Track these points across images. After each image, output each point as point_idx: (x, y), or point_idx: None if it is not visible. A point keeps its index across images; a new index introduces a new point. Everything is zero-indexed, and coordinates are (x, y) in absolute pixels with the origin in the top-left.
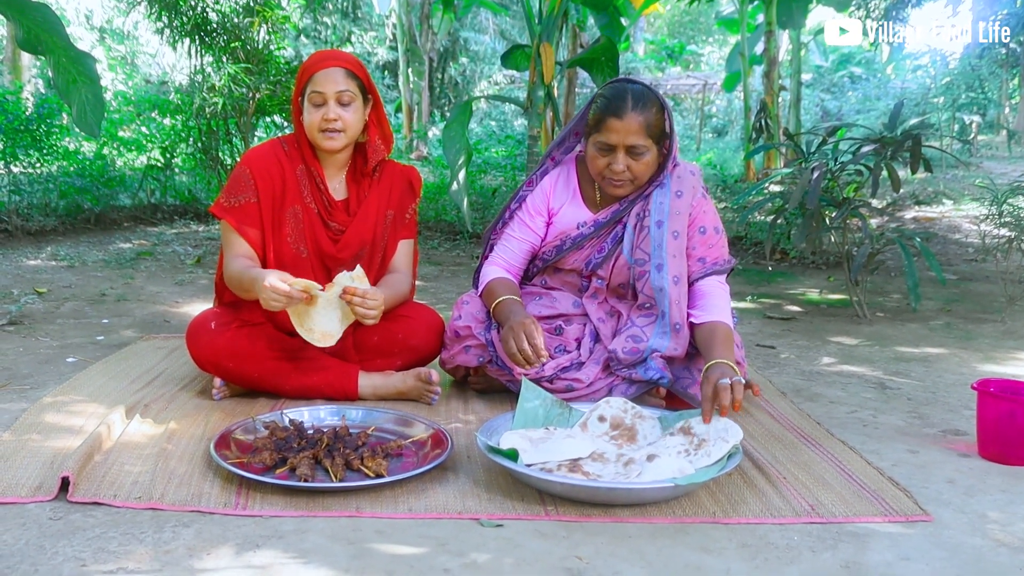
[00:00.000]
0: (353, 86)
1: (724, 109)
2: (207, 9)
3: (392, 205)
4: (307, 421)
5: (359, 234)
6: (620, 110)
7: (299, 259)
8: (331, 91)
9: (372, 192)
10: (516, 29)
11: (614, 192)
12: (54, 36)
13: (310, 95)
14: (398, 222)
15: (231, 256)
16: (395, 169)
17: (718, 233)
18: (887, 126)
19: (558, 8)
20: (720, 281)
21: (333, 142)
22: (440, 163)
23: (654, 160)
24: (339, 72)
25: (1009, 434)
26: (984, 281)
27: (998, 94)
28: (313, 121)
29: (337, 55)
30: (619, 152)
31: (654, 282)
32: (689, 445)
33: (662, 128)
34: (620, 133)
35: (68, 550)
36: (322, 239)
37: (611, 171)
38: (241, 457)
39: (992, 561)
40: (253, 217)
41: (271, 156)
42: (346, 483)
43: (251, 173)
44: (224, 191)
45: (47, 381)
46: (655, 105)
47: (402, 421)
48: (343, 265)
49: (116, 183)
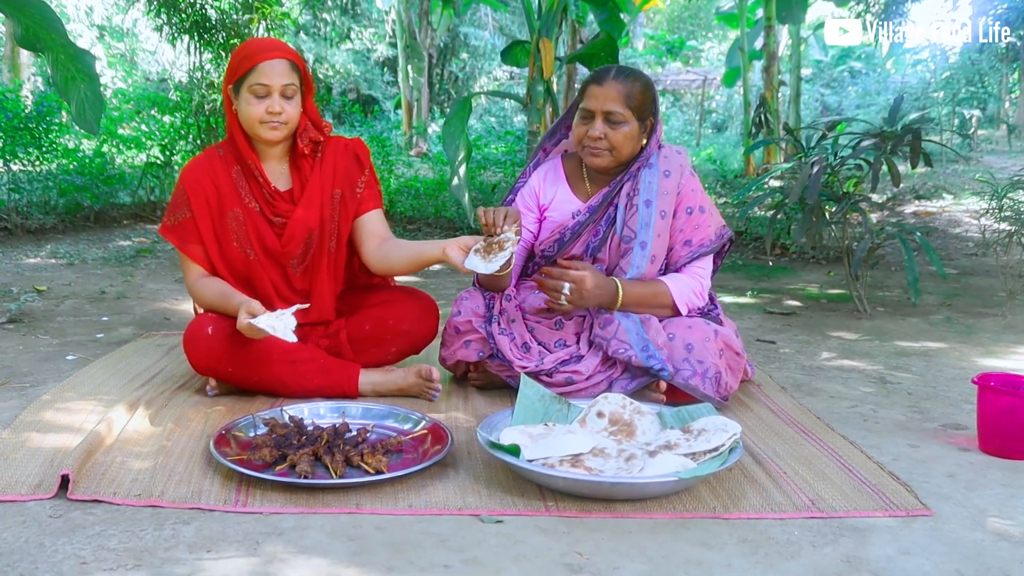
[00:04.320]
0: (296, 79)
1: (724, 104)
2: (206, 6)
3: (338, 183)
4: (307, 418)
5: (304, 222)
6: (602, 78)
7: (249, 262)
8: (277, 84)
9: (314, 175)
10: (516, 25)
11: (593, 162)
12: (52, 33)
13: (252, 86)
14: (348, 199)
15: (191, 279)
16: (338, 145)
17: (703, 212)
18: (887, 121)
19: (557, 4)
20: (701, 265)
21: (276, 132)
22: (440, 159)
23: (634, 134)
24: (284, 64)
25: (1010, 428)
26: (984, 275)
27: (998, 88)
28: (254, 112)
29: (280, 46)
30: (597, 118)
31: (634, 259)
32: (689, 436)
33: (645, 105)
34: (599, 99)
35: (68, 548)
36: (267, 237)
37: (589, 138)
38: (241, 454)
39: (993, 555)
40: (191, 233)
41: (204, 166)
42: (345, 479)
43: (184, 188)
44: (167, 210)
45: (47, 379)
46: (639, 82)
47: (401, 418)
48: (294, 259)
49: (115, 181)
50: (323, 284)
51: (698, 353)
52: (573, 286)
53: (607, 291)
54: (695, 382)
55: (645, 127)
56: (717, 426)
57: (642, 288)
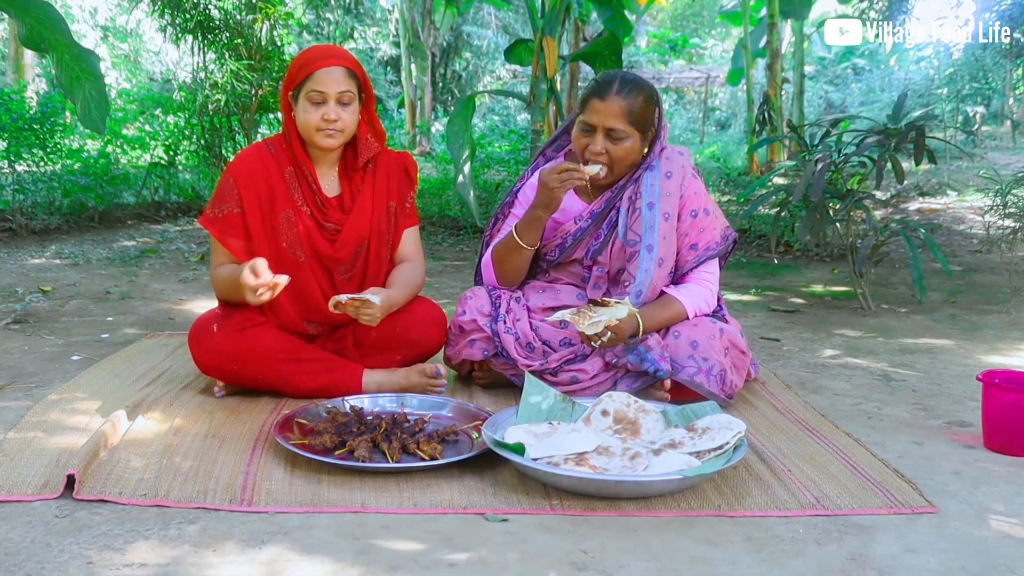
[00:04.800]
0: (353, 86)
1: (727, 102)
2: (209, 6)
3: (392, 196)
4: (366, 408)
5: (356, 230)
6: (604, 92)
7: (298, 264)
8: (333, 91)
9: (366, 186)
10: (519, 23)
11: (593, 181)
12: (57, 34)
13: (309, 93)
14: (399, 212)
15: (215, 266)
16: (390, 158)
17: (708, 215)
18: (891, 117)
19: (560, 2)
20: (709, 269)
21: (332, 140)
22: (443, 158)
23: (635, 147)
24: (341, 71)
25: (1014, 425)
26: (989, 272)
27: (1002, 84)
28: (311, 119)
29: (339, 53)
30: (599, 133)
31: (642, 263)
32: (694, 434)
33: (647, 117)
34: (601, 114)
35: (74, 547)
36: (318, 241)
37: (590, 152)
38: (302, 439)
39: (998, 552)
40: (237, 228)
41: (256, 162)
42: (402, 464)
43: (235, 182)
44: (211, 200)
45: (52, 379)
46: (642, 94)
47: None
48: (343, 266)
49: (120, 181)
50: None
51: (703, 350)
52: (613, 335)
53: (632, 327)
54: (700, 379)
55: (647, 138)
56: (722, 424)
57: (660, 313)
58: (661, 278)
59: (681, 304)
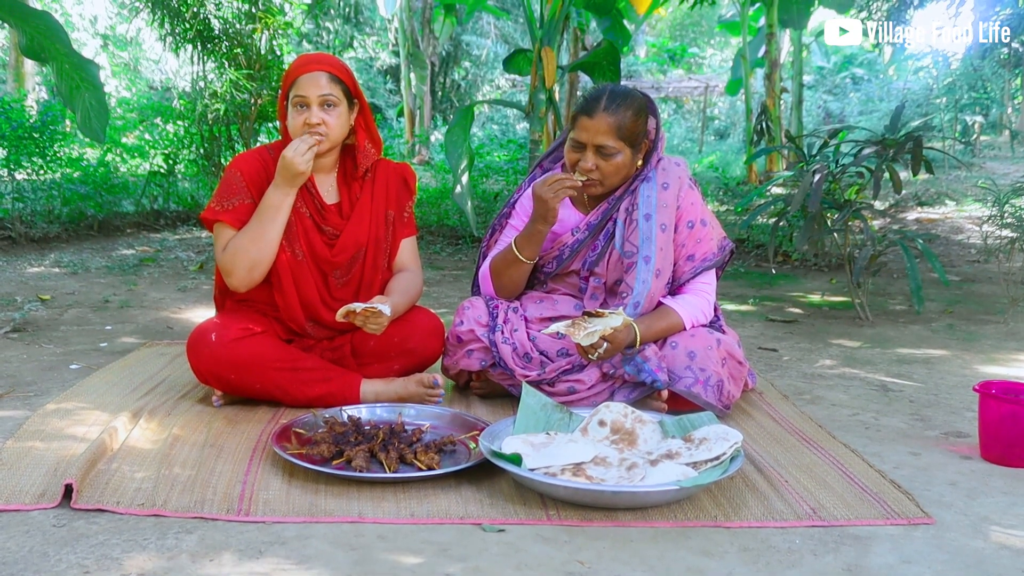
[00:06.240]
0: (337, 90)
1: (726, 112)
2: (209, 16)
3: (391, 204)
4: (364, 417)
5: (354, 236)
6: (592, 109)
7: (296, 262)
8: (314, 95)
9: (364, 194)
10: (518, 33)
11: (585, 190)
12: (57, 43)
13: (293, 98)
14: (397, 221)
15: (221, 249)
16: (388, 168)
17: (705, 226)
18: (888, 128)
19: (560, 12)
20: (706, 280)
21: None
22: (442, 168)
23: (626, 162)
24: (322, 76)
25: (1011, 436)
26: (986, 282)
27: (1001, 94)
28: (296, 125)
29: (321, 59)
30: (588, 150)
31: (639, 274)
32: (691, 445)
33: (637, 131)
34: (589, 132)
35: (72, 557)
36: (316, 243)
37: (581, 169)
38: (300, 449)
39: (994, 564)
40: (250, 217)
41: (259, 161)
42: (400, 474)
43: (242, 176)
44: (215, 197)
45: (51, 388)
46: (631, 108)
47: (457, 419)
48: (339, 270)
49: (119, 190)
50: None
51: (700, 361)
52: (609, 346)
53: (629, 338)
54: (697, 390)
55: (639, 151)
56: (718, 435)
57: (657, 324)
58: (658, 289)
59: (678, 315)
